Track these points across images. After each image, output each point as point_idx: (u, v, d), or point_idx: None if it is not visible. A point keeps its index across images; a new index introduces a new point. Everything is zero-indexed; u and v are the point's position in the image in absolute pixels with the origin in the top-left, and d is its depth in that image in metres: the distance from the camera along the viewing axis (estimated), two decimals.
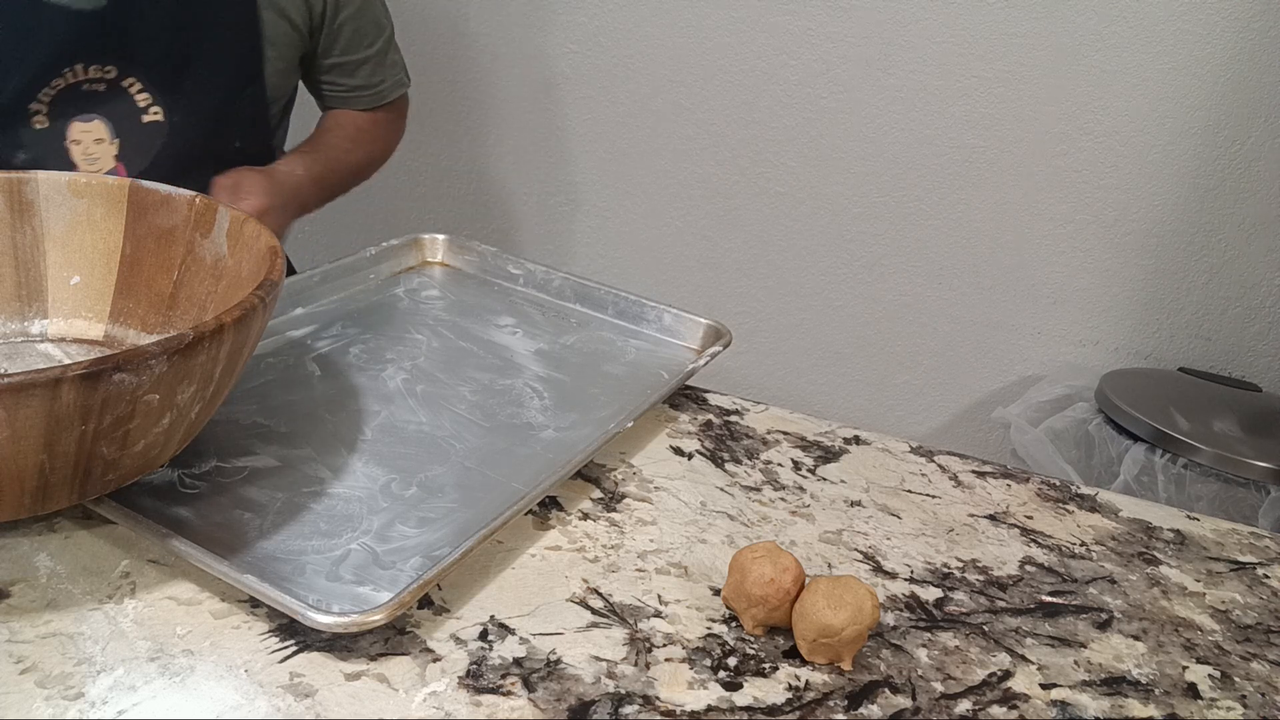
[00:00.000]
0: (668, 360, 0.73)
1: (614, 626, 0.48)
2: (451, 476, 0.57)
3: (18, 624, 0.44)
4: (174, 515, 0.51)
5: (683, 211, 1.47)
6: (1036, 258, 1.30)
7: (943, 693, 0.46)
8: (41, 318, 0.61)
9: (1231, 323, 1.26)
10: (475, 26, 1.49)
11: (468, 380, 0.67)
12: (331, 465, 0.56)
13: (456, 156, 1.59)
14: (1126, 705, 0.47)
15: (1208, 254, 1.24)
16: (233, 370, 0.49)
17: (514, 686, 0.44)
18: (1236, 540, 0.62)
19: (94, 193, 0.61)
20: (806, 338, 1.47)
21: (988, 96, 1.26)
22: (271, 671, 0.43)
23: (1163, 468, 1.07)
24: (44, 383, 0.39)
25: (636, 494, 0.58)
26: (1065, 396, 1.23)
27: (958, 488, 0.63)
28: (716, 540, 0.55)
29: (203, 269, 0.59)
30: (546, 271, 0.81)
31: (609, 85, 1.45)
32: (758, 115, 1.38)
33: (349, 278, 0.77)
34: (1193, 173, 1.21)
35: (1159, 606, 0.54)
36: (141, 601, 0.46)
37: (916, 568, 0.55)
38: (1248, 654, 0.52)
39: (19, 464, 0.42)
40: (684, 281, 1.51)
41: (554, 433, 0.62)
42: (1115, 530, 0.61)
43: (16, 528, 0.49)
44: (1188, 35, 1.16)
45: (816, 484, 0.62)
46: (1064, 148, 1.25)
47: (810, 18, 1.31)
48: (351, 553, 0.50)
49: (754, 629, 0.48)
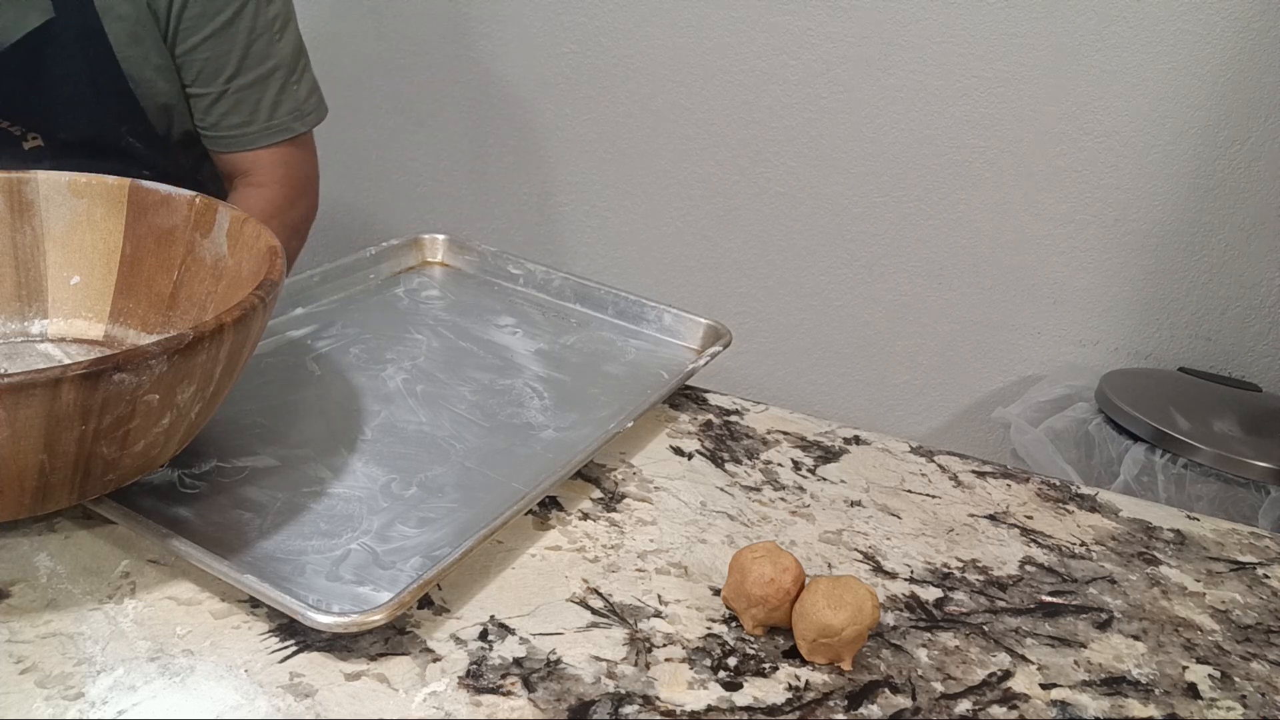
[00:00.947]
0: (668, 360, 0.73)
1: (614, 626, 0.48)
2: (451, 476, 0.57)
3: (18, 624, 0.44)
4: (174, 515, 0.51)
5: (683, 211, 1.47)
6: (1036, 258, 1.30)
7: (943, 693, 0.46)
8: (41, 318, 0.61)
9: (1231, 323, 1.26)
10: (475, 26, 1.49)
11: (468, 380, 0.67)
12: (331, 465, 0.56)
13: (456, 156, 1.59)
14: (1126, 705, 0.47)
15: (1208, 254, 1.24)
16: (233, 370, 0.49)
17: (514, 686, 0.44)
18: (1236, 540, 0.62)
19: (94, 193, 0.61)
20: (806, 338, 1.47)
21: (988, 96, 1.26)
22: (271, 671, 0.43)
23: (1163, 468, 1.07)
24: (44, 383, 0.39)
25: (636, 494, 0.58)
26: (1065, 396, 1.23)
27: (958, 488, 0.63)
28: (716, 540, 0.55)
29: (203, 269, 0.59)
30: (546, 271, 0.81)
31: (609, 85, 1.45)
32: (758, 115, 1.38)
33: (349, 278, 0.77)
34: (1193, 173, 1.21)
35: (1159, 606, 0.54)
36: (141, 601, 0.46)
37: (916, 568, 0.55)
38: (1248, 654, 0.52)
39: (19, 464, 0.42)
40: (684, 281, 1.51)
41: (554, 433, 0.62)
42: (1115, 530, 0.61)
43: (16, 528, 0.49)
44: (1188, 35, 1.16)
45: (816, 484, 0.62)
46: (1064, 148, 1.25)
47: (810, 18, 1.31)
48: (351, 553, 0.50)
49: (754, 629, 0.48)
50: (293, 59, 0.91)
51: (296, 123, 0.93)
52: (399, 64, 1.57)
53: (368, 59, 1.59)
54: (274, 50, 0.89)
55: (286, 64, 0.91)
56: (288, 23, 0.91)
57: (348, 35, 1.59)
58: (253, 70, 0.88)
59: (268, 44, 0.89)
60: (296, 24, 0.93)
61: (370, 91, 1.61)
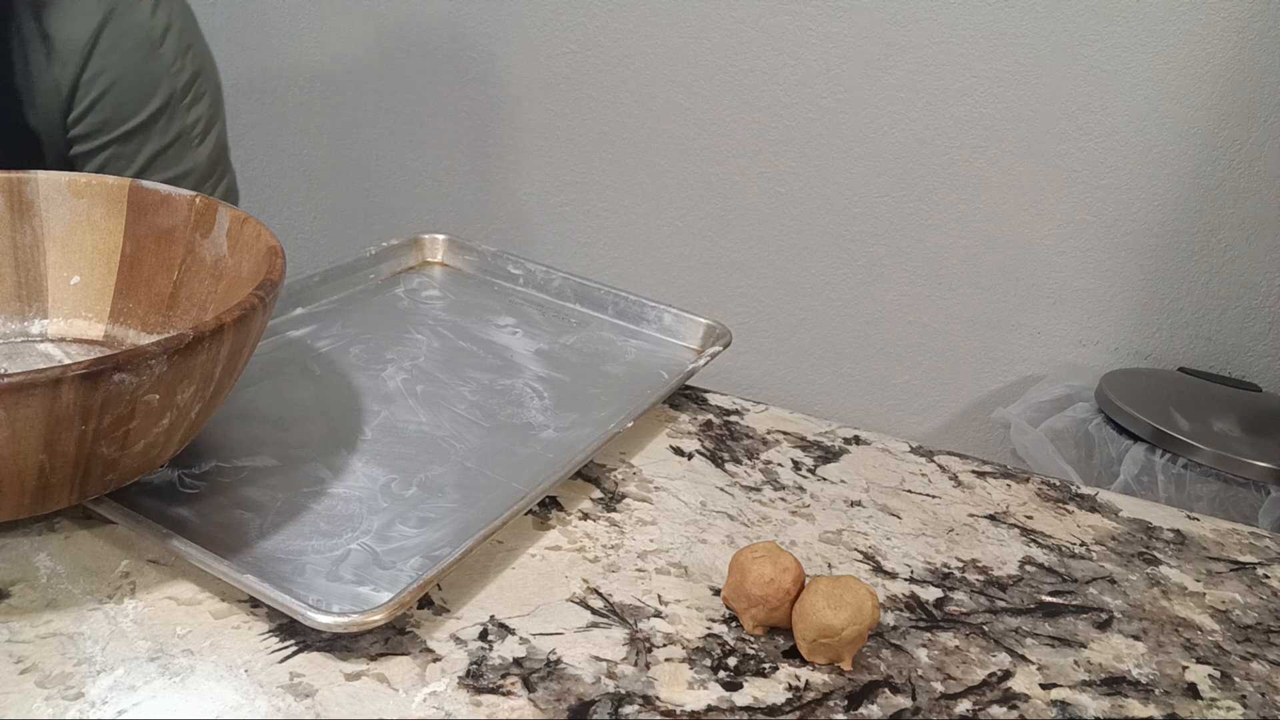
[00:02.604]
0: (668, 360, 0.73)
1: (614, 626, 0.48)
2: (451, 476, 0.57)
3: (18, 624, 0.44)
4: (174, 515, 0.51)
5: (683, 211, 1.47)
6: (1036, 258, 1.30)
7: (943, 693, 0.46)
8: (41, 318, 0.61)
9: (1231, 323, 1.26)
10: (475, 26, 1.49)
11: (468, 380, 0.67)
12: (331, 465, 0.56)
13: (456, 156, 1.59)
14: (1126, 705, 0.47)
15: (1208, 254, 1.24)
16: (233, 370, 0.49)
17: (514, 686, 0.44)
18: (1236, 540, 0.62)
19: (94, 193, 0.61)
20: (806, 338, 1.47)
21: (988, 96, 1.26)
22: (271, 671, 0.43)
23: (1163, 468, 1.07)
24: (44, 383, 0.39)
25: (636, 494, 0.58)
26: (1065, 396, 1.23)
27: (958, 488, 0.63)
28: (716, 540, 0.55)
29: (203, 269, 0.59)
30: (546, 271, 0.81)
31: (609, 85, 1.45)
32: (758, 115, 1.38)
33: (349, 278, 0.77)
34: (1193, 173, 1.21)
35: (1159, 606, 0.54)
36: (141, 601, 0.46)
37: (916, 568, 0.55)
38: (1248, 654, 0.52)
39: (19, 464, 0.42)
40: (684, 281, 1.51)
41: (554, 433, 0.62)
42: (1115, 530, 0.61)
43: (16, 528, 0.49)
44: (1188, 35, 1.16)
45: (816, 484, 0.62)
46: (1064, 148, 1.25)
47: (810, 18, 1.31)
48: (351, 553, 0.50)
49: (754, 629, 0.48)
50: (208, 166, 0.85)
51: None
52: (399, 64, 1.57)
53: (368, 59, 1.59)
54: (187, 156, 0.82)
55: (200, 170, 0.84)
56: (211, 126, 0.84)
57: (348, 35, 1.59)
58: (158, 174, 0.82)
59: (180, 150, 0.82)
60: (224, 126, 0.86)
61: (370, 91, 1.61)
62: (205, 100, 0.85)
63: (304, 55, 1.62)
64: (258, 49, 1.64)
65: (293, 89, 1.66)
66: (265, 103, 1.67)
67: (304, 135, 1.69)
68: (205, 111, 0.84)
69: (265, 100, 1.67)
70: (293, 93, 1.66)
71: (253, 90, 1.67)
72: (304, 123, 1.68)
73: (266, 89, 1.66)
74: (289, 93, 1.66)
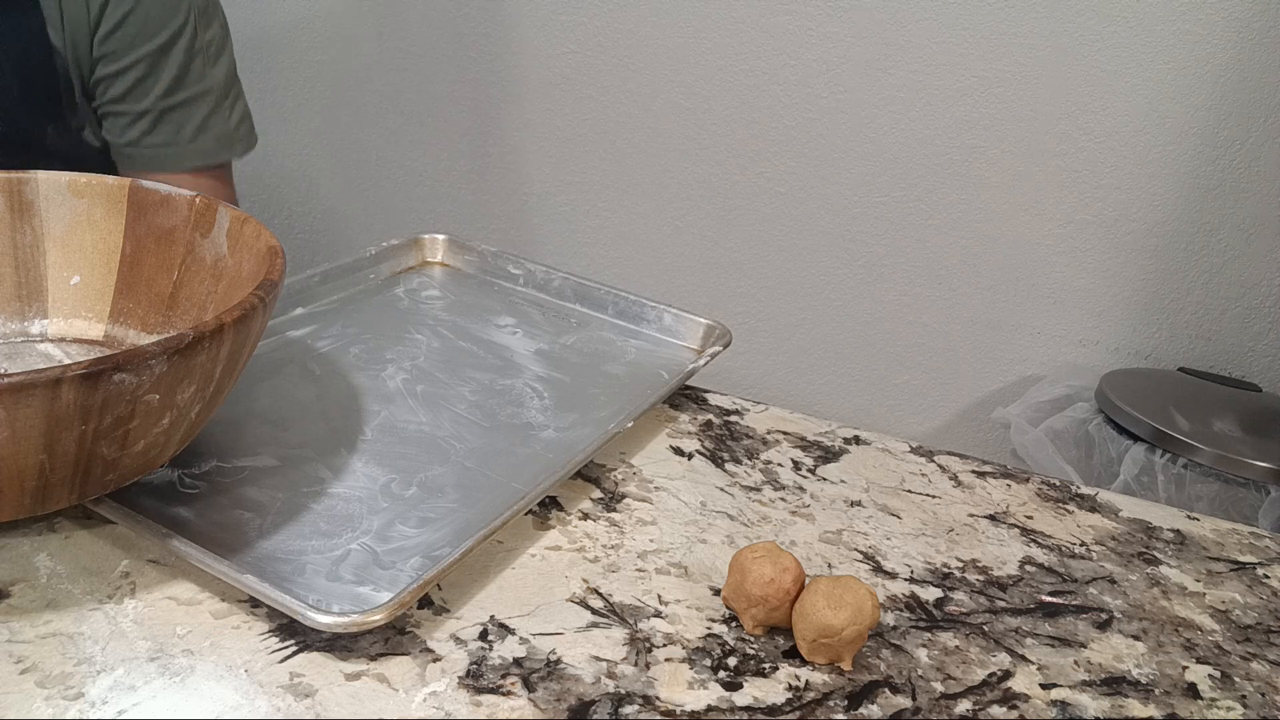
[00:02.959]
0: (668, 360, 0.73)
1: (614, 626, 0.48)
2: (451, 476, 0.57)
3: (18, 624, 0.44)
4: (174, 515, 0.51)
5: (683, 211, 1.47)
6: (1036, 258, 1.30)
7: (943, 693, 0.46)
8: (41, 318, 0.61)
9: (1231, 323, 1.26)
10: (475, 26, 1.49)
11: (468, 380, 0.67)
12: (331, 465, 0.56)
13: (456, 156, 1.59)
14: (1126, 705, 0.47)
15: (1208, 254, 1.24)
16: (233, 370, 0.49)
17: (514, 686, 0.44)
18: (1236, 540, 0.62)
19: (94, 192, 0.61)
20: (806, 338, 1.47)
21: (988, 96, 1.26)
22: (271, 671, 0.43)
23: (1163, 468, 1.07)
24: (44, 383, 0.39)
25: (636, 494, 0.58)
26: (1065, 396, 1.23)
27: (958, 488, 0.63)
28: (716, 540, 0.55)
29: (203, 269, 0.59)
30: (546, 271, 0.81)
31: (609, 85, 1.45)
32: (758, 115, 1.38)
33: (349, 278, 0.77)
34: (1193, 173, 1.21)
35: (1159, 606, 0.54)
36: (141, 601, 0.46)
37: (916, 568, 0.55)
38: (1248, 654, 0.52)
39: (19, 464, 0.42)
40: (684, 281, 1.51)
41: (554, 433, 0.62)
42: (1115, 530, 0.61)
43: (16, 528, 0.49)
44: (1188, 35, 1.16)
45: (816, 484, 0.62)
46: (1064, 148, 1.25)
47: (810, 18, 1.31)
48: (351, 553, 0.50)
49: (754, 629, 0.48)
50: (225, 85, 0.89)
51: (222, 150, 0.90)
52: (399, 64, 1.57)
53: (368, 59, 1.59)
54: (208, 74, 0.87)
55: (218, 89, 0.88)
56: (224, 48, 0.89)
57: (348, 35, 1.59)
58: (183, 92, 0.86)
59: (202, 66, 0.86)
60: (233, 52, 0.91)
61: (370, 92, 1.61)
62: (216, 22, 0.89)
63: (305, 55, 1.62)
64: (258, 48, 1.64)
65: (293, 89, 1.66)
66: (265, 102, 1.67)
67: (304, 135, 1.69)
68: (218, 32, 0.88)
69: (265, 100, 1.67)
70: (293, 93, 1.66)
71: (253, 90, 1.67)
72: (304, 123, 1.68)
73: (266, 88, 1.66)
74: (289, 93, 1.66)
